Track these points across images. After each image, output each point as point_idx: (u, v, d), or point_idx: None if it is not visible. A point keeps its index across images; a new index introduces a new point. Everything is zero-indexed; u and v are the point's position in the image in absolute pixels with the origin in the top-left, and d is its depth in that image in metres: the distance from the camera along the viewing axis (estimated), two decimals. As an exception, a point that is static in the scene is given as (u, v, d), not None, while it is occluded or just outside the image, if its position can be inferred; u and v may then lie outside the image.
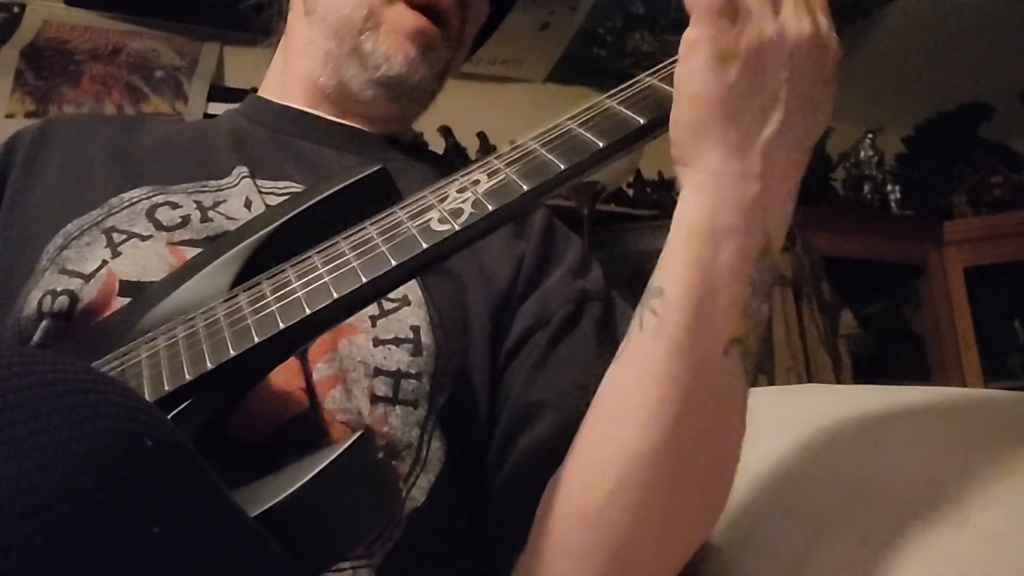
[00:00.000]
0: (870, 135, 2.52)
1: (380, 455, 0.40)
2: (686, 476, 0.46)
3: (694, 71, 0.43)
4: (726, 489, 0.49)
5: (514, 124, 0.47)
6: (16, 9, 2.06)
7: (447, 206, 0.44)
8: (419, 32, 0.66)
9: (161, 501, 0.29)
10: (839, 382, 2.07)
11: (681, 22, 0.45)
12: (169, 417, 0.40)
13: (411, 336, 0.54)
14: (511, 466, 0.55)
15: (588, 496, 0.47)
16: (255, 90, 0.75)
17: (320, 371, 0.51)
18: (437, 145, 2.12)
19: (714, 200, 0.44)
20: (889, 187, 2.50)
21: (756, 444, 0.61)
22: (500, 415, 0.57)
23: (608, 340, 0.60)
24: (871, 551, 0.49)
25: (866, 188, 2.50)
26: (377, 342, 0.53)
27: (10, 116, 2.04)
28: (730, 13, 0.43)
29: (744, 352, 0.45)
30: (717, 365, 0.45)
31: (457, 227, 0.43)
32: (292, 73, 0.72)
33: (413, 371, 0.53)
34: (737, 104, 0.43)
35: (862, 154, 2.52)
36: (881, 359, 2.30)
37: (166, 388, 0.41)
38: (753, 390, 0.49)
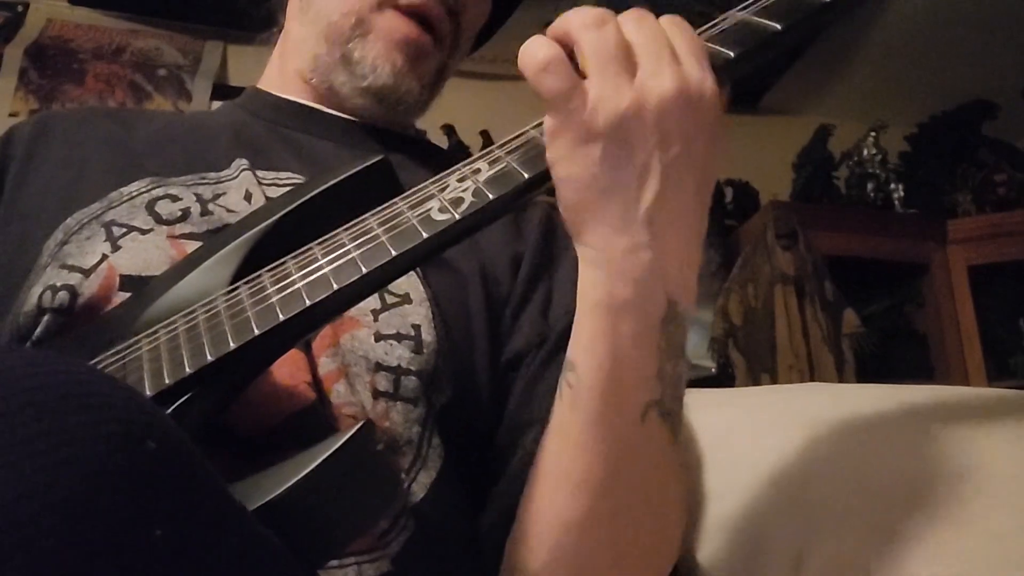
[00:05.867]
0: (873, 133, 2.50)
1: (380, 447, 0.40)
2: (622, 539, 0.47)
3: (560, 157, 0.42)
4: (670, 543, 0.50)
5: (517, 122, 0.46)
6: (20, 8, 2.07)
7: (448, 195, 0.44)
8: (408, 40, 0.65)
9: (163, 504, 0.29)
10: (842, 381, 2.06)
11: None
12: (170, 410, 0.40)
13: (412, 333, 0.54)
14: (503, 485, 0.55)
15: (531, 557, 0.48)
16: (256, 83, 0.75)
17: (324, 365, 0.51)
18: (440, 143, 2.12)
19: (607, 274, 0.43)
20: (892, 185, 2.49)
21: (759, 442, 0.61)
22: (500, 425, 0.57)
23: None
24: (874, 550, 0.49)
25: (869, 187, 2.49)
26: (379, 337, 0.53)
27: (14, 115, 2.04)
28: (580, 94, 0.41)
29: (663, 412, 0.45)
30: (636, 431, 0.45)
31: (458, 216, 0.43)
32: (289, 68, 0.72)
33: (413, 368, 0.53)
34: (608, 180, 0.41)
35: (865, 152, 2.51)
36: (884, 358, 2.29)
37: (167, 381, 0.41)
38: (756, 388, 0.49)
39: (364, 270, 0.42)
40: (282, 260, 0.46)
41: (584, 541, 0.47)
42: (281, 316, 0.42)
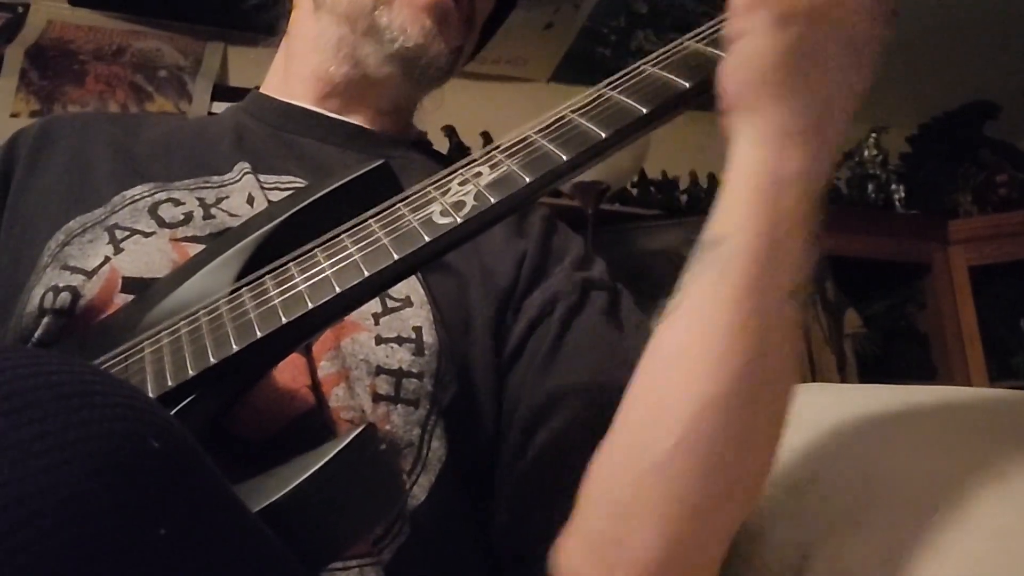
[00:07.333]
0: (874, 134, 2.51)
1: (384, 447, 0.40)
2: (752, 423, 0.46)
3: (753, 30, 0.43)
4: (780, 440, 0.48)
5: (518, 124, 0.47)
6: (20, 9, 2.07)
7: (449, 199, 0.44)
8: (434, 4, 0.66)
9: (167, 503, 0.29)
10: (844, 381, 2.06)
11: (683, 21, 0.45)
12: (173, 413, 0.40)
13: (413, 336, 0.54)
14: (536, 456, 0.54)
15: (657, 446, 0.45)
16: (258, 88, 0.75)
17: (324, 369, 0.51)
18: (441, 145, 2.12)
19: (779, 153, 0.44)
20: (893, 186, 2.49)
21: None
22: (514, 411, 0.56)
23: (616, 324, 0.60)
24: (878, 551, 0.49)
25: (870, 187, 2.50)
26: (380, 340, 0.53)
27: (15, 115, 2.04)
28: None
29: (801, 301, 0.45)
30: (778, 315, 0.45)
31: (459, 220, 0.43)
32: (296, 71, 0.72)
33: (415, 370, 0.53)
34: (798, 62, 0.43)
35: (866, 153, 2.51)
36: (886, 358, 2.30)
37: (169, 384, 0.41)
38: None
39: (366, 273, 0.42)
40: (284, 263, 0.46)
41: (719, 419, 0.45)
42: (283, 319, 0.42)
